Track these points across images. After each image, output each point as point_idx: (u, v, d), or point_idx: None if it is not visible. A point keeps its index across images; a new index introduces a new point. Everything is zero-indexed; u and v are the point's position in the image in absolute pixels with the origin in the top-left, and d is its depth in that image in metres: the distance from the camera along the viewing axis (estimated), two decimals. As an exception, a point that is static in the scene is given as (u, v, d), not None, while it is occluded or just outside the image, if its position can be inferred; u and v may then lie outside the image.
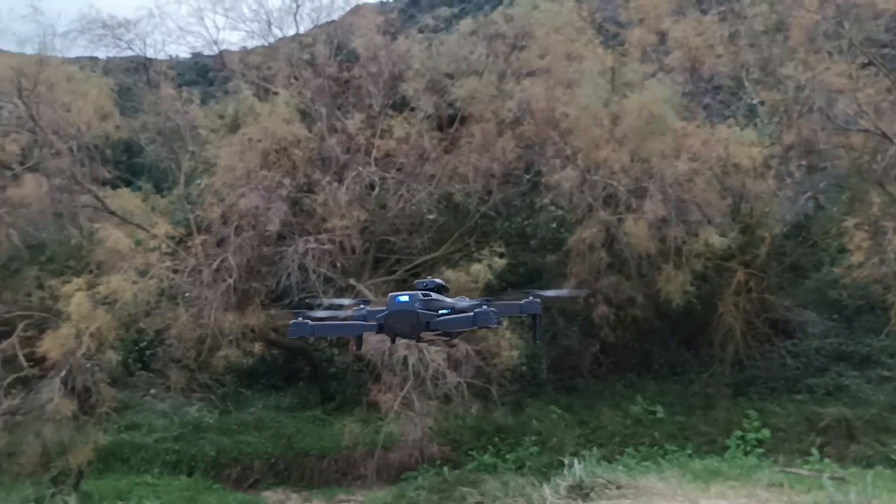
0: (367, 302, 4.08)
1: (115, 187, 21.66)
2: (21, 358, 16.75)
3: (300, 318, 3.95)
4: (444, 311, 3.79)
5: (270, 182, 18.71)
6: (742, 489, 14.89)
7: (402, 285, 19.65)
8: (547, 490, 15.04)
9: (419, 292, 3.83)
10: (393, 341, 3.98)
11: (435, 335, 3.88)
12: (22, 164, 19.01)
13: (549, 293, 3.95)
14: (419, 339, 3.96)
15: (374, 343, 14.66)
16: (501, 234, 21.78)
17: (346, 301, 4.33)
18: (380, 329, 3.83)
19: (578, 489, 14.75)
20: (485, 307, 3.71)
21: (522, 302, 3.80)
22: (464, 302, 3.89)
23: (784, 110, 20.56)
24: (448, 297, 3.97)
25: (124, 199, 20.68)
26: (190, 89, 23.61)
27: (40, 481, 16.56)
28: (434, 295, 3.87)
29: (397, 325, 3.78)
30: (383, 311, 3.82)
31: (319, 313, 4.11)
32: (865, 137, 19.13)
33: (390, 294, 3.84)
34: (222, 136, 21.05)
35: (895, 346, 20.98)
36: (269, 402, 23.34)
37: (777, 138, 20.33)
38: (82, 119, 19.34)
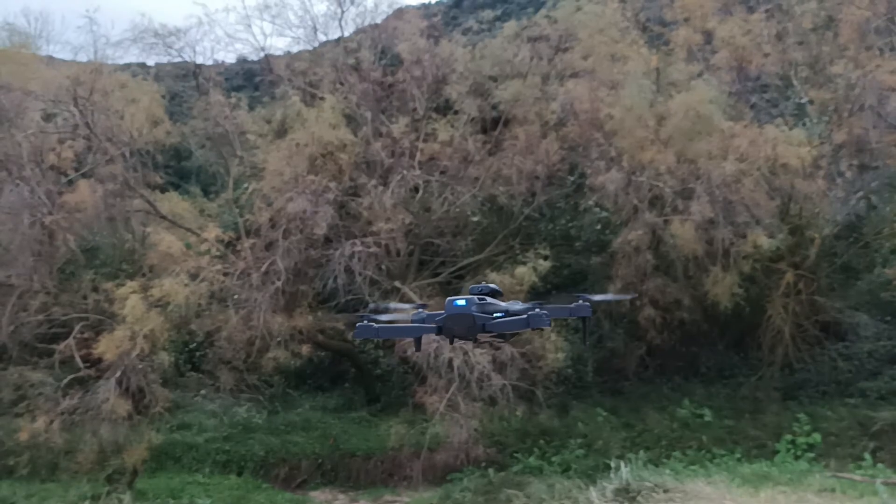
0: (424, 306, 4.20)
1: (164, 191, 22.13)
2: (78, 359, 17.23)
3: (365, 322, 4.08)
4: (498, 314, 3.90)
5: (317, 186, 18.92)
6: (792, 494, 14.65)
7: (447, 287, 19.79)
8: (593, 493, 14.99)
9: (475, 296, 3.94)
10: (451, 342, 4.12)
11: (490, 336, 4.00)
12: (77, 170, 19.56)
13: (598, 297, 4.05)
14: (475, 340, 4.09)
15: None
16: (546, 236, 21.77)
17: (405, 305, 4.48)
18: (439, 331, 3.95)
19: (625, 492, 14.67)
20: (537, 310, 3.80)
21: (573, 305, 3.90)
22: (517, 305, 4.00)
23: (834, 109, 20.17)
24: (500, 300, 4.07)
25: (174, 203, 21.06)
26: (238, 95, 24.04)
27: (96, 479, 16.99)
28: (489, 299, 3.98)
29: (455, 327, 3.89)
30: (441, 314, 3.94)
31: (383, 316, 4.24)
32: (919, 136, 18.74)
33: (448, 298, 3.95)
34: (270, 140, 21.36)
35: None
36: (316, 403, 23.61)
37: (827, 137, 19.96)
38: (134, 125, 19.79)
